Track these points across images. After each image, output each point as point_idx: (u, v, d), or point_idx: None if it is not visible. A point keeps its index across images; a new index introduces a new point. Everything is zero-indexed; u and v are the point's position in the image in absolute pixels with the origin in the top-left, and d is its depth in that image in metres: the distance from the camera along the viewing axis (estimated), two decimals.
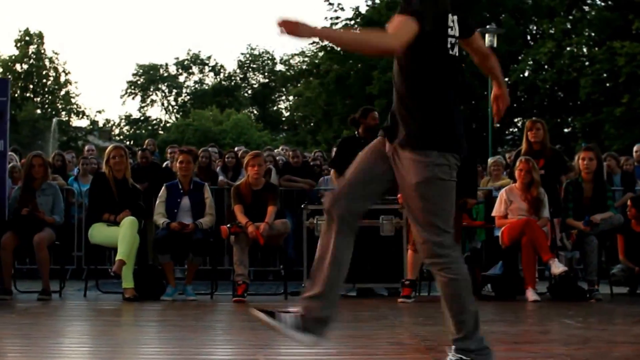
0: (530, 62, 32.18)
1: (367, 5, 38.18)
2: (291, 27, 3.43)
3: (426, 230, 3.72)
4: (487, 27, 25.81)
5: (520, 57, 33.47)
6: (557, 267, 8.05)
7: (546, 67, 30.97)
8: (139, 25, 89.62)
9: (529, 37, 36.10)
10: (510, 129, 36.40)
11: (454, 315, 3.79)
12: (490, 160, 11.36)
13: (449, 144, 3.72)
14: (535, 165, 8.51)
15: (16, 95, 45.54)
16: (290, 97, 52.12)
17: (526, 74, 32.75)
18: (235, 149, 13.21)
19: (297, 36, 3.44)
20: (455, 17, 3.79)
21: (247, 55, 60.71)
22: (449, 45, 3.74)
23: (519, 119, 35.28)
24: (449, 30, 3.74)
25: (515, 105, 35.35)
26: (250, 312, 3.89)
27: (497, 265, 8.57)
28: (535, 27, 36.03)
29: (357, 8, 38.23)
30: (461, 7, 3.92)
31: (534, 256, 8.23)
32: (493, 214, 8.73)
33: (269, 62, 60.30)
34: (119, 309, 7.71)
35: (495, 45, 24.40)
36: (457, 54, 3.80)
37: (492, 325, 6.27)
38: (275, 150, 14.35)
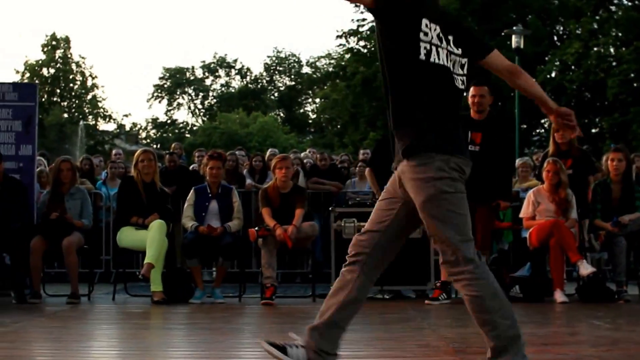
0: (557, 63, 32.08)
1: None
2: None
3: (442, 248, 3.69)
4: (514, 28, 25.75)
5: (547, 58, 33.40)
6: (586, 269, 8.01)
7: (573, 67, 30.86)
8: (165, 29, 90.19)
9: (555, 38, 36.03)
10: (537, 130, 36.32)
11: (486, 332, 3.73)
12: (518, 161, 11.32)
13: (441, 145, 3.63)
14: (563, 167, 8.49)
15: (43, 99, 45.89)
16: (317, 100, 52.27)
17: (553, 74, 32.65)
18: (269, 152, 13.23)
19: None
20: (438, 27, 3.69)
21: (274, 58, 60.96)
22: (423, 52, 3.62)
23: (545, 119, 35.17)
24: (422, 35, 3.62)
25: None
26: (261, 344, 3.85)
27: (525, 267, 8.58)
28: (561, 28, 35.94)
29: None
30: (456, 25, 3.84)
31: (562, 257, 8.20)
32: (521, 215, 8.73)
33: (295, 64, 60.48)
34: (148, 312, 7.75)
35: (521, 46, 24.34)
36: (440, 63, 3.67)
37: (521, 327, 6.26)
38: (303, 153, 14.38)
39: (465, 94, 3.86)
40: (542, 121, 35.09)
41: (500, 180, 8.16)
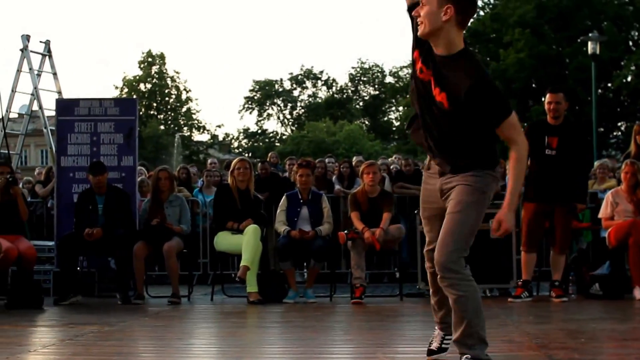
0: (633, 68, 31.48)
1: (472, 18, 37.95)
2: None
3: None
4: (590, 35, 25.44)
5: (622, 63, 32.83)
6: None
7: None
8: (254, 43, 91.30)
9: (630, 43, 35.35)
10: (615, 133, 35.60)
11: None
12: (596, 163, 11.31)
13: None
14: None
15: (141, 113, 46.95)
16: (400, 108, 52.08)
17: (629, 79, 32.06)
18: (355, 158, 13.39)
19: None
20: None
21: (358, 69, 61.07)
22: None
23: (622, 122, 34.51)
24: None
25: (619, 109, 34.56)
26: None
27: (604, 265, 8.57)
28: (637, 33, 35.23)
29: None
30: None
31: None
32: (599, 216, 8.78)
33: (378, 74, 60.40)
34: (244, 312, 7.93)
35: (597, 52, 24.04)
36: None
37: (601, 323, 6.33)
38: (389, 159, 14.50)
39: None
40: (619, 124, 34.45)
41: (577, 183, 8.22)
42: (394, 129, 56.82)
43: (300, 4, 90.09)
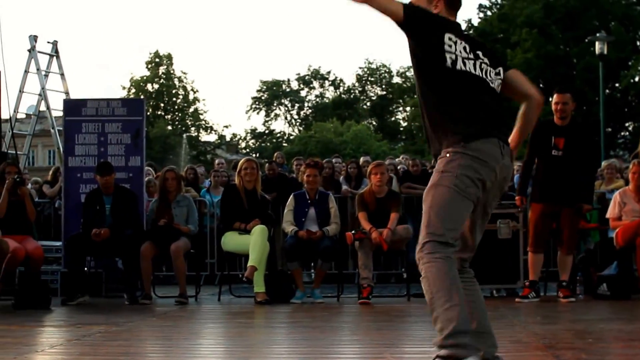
0: None
1: (480, 18, 37.97)
2: None
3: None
4: (597, 35, 25.43)
5: (630, 63, 32.83)
6: None
7: None
8: (261, 43, 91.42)
9: (638, 43, 35.37)
10: (622, 133, 35.60)
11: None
12: (603, 163, 11.30)
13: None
14: None
15: (148, 113, 47.07)
16: (407, 108, 52.10)
17: (636, 79, 32.06)
18: (362, 159, 13.40)
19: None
20: (464, 42, 3.88)
21: (365, 69, 61.08)
22: (449, 61, 3.80)
23: (630, 122, 34.50)
24: (446, 46, 3.81)
25: (626, 109, 34.60)
26: None
27: (612, 266, 8.57)
28: None
29: (469, 20, 38.11)
30: (481, 44, 4.01)
31: None
32: (607, 216, 8.78)
33: (386, 75, 60.43)
34: (252, 312, 7.95)
35: (605, 52, 24.05)
36: (467, 70, 3.83)
37: (609, 323, 6.32)
38: (397, 160, 14.49)
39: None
40: (627, 124, 34.45)
41: (583, 184, 8.21)
42: (401, 129, 56.87)
43: (308, 5, 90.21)
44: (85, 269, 9.08)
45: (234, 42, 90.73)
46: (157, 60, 52.92)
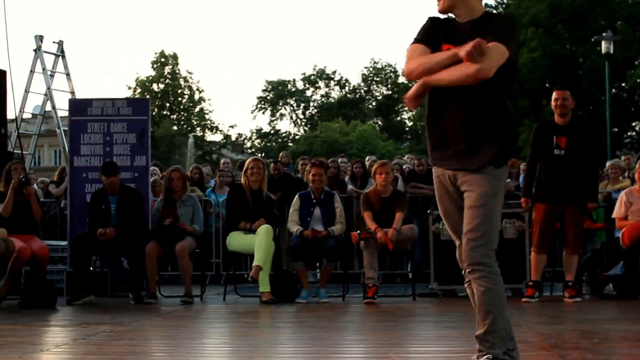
0: None
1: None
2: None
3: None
4: (603, 34, 25.38)
5: (636, 63, 32.81)
6: None
7: None
8: (267, 43, 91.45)
9: None
10: (629, 133, 35.57)
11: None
12: (608, 163, 11.29)
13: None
14: None
15: (154, 113, 47.18)
16: None
17: None
18: (368, 158, 13.40)
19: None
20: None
21: (371, 69, 61.04)
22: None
23: (636, 122, 34.46)
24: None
25: (633, 109, 34.55)
26: None
27: (618, 266, 8.57)
28: None
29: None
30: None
31: None
32: (613, 215, 8.78)
33: (391, 74, 60.38)
34: (257, 312, 7.96)
35: (611, 51, 24.03)
36: None
37: (615, 324, 6.32)
38: (402, 159, 14.47)
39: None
40: (634, 124, 34.41)
41: (587, 182, 8.20)
42: (406, 129, 56.86)
43: (313, 4, 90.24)
44: (91, 268, 9.08)
45: (239, 42, 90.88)
46: (162, 60, 53.02)
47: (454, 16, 3.94)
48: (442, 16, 3.96)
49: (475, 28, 3.83)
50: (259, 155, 49.73)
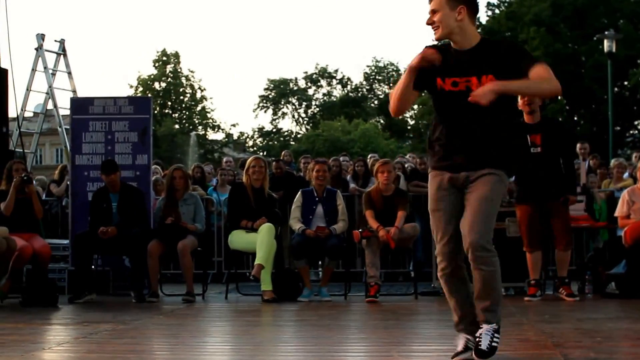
0: None
1: (487, 16, 37.91)
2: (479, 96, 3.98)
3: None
4: (606, 33, 25.36)
5: (639, 61, 32.76)
6: None
7: None
8: (269, 42, 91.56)
9: None
10: (631, 132, 35.58)
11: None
12: (612, 161, 11.28)
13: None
14: None
15: (156, 112, 47.17)
16: (415, 106, 52.00)
17: None
18: (370, 157, 13.39)
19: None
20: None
21: (373, 67, 61.02)
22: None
23: (638, 121, 34.44)
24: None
25: (635, 108, 34.51)
26: None
27: (620, 264, 8.55)
28: None
29: (477, 18, 37.94)
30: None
31: None
32: (616, 214, 8.78)
33: (393, 73, 60.31)
34: (259, 310, 7.96)
35: (614, 50, 24.02)
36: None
37: (617, 322, 6.31)
38: (404, 157, 14.45)
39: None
40: (636, 122, 34.40)
41: (565, 176, 8.22)
42: (409, 127, 56.78)
43: (315, 3, 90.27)
44: (93, 267, 9.09)
45: (241, 40, 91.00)
46: (164, 58, 53.04)
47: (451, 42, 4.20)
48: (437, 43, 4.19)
49: (475, 56, 4.13)
50: (261, 153, 49.72)
